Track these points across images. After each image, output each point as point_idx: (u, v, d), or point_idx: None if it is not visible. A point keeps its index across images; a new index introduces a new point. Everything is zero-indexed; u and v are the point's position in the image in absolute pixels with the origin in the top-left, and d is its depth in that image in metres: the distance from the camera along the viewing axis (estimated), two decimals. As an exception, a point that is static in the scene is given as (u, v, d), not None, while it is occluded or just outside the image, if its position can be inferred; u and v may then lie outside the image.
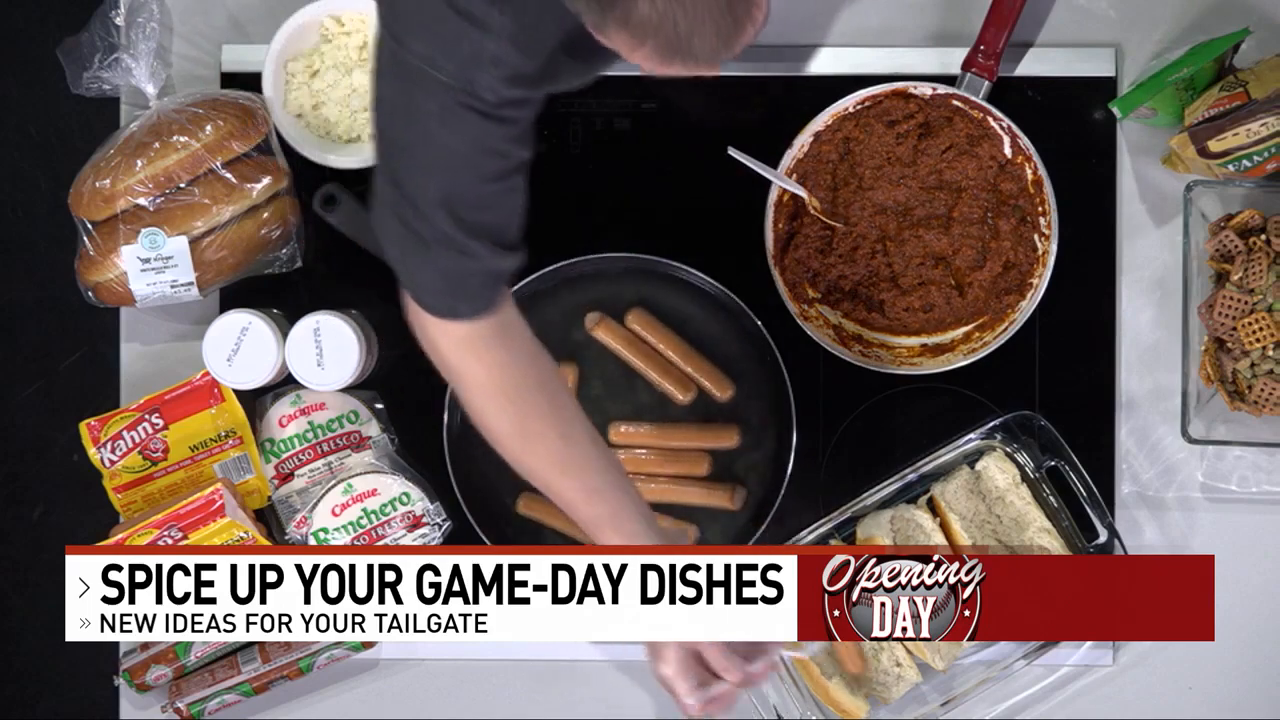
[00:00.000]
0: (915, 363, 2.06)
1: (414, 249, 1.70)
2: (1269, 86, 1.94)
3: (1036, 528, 2.02)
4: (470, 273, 1.71)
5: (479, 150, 1.66)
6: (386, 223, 1.71)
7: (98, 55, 2.01)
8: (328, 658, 2.06)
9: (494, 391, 1.77)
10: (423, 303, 1.73)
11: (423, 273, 1.72)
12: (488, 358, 1.76)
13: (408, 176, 1.67)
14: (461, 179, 1.67)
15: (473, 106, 1.62)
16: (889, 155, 2.06)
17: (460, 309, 1.73)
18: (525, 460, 1.81)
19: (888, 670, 2.00)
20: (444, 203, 1.66)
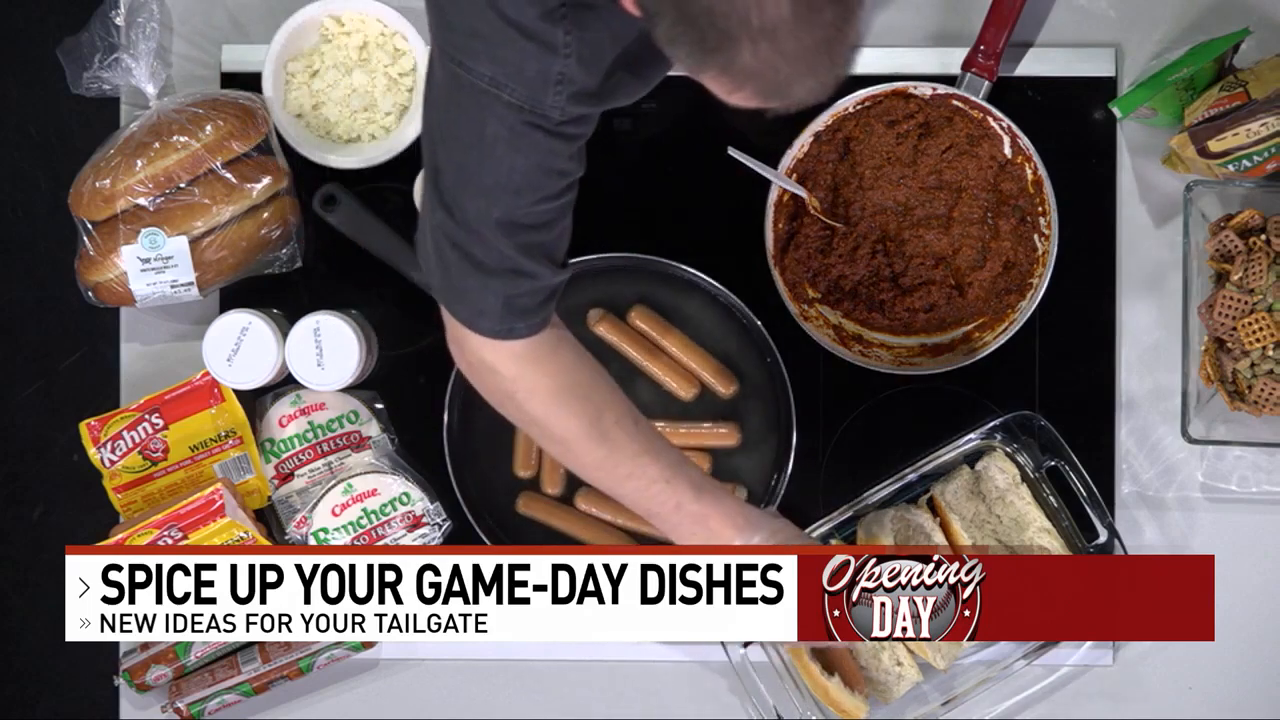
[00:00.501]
0: (915, 363, 2.06)
1: (470, 276, 1.70)
2: (1269, 86, 1.94)
3: (1036, 528, 2.02)
4: (528, 293, 1.71)
5: (543, 170, 1.67)
6: (438, 252, 1.71)
7: (98, 55, 2.01)
8: (328, 658, 2.06)
9: (562, 395, 1.77)
10: (478, 328, 1.73)
11: (480, 299, 1.71)
12: (550, 365, 1.76)
13: (470, 202, 1.67)
14: (525, 200, 1.67)
15: (540, 125, 1.63)
16: (889, 155, 2.06)
17: (518, 329, 1.73)
18: (603, 455, 1.80)
19: (888, 670, 2.00)
20: (507, 226, 1.67)
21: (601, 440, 1.79)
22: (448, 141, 1.67)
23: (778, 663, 2.01)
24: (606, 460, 1.80)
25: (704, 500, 1.82)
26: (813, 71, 1.46)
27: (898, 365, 2.05)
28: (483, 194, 1.66)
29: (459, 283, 1.71)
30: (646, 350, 2.06)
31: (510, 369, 1.76)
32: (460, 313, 1.73)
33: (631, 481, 1.82)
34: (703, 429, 2.06)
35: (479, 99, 1.62)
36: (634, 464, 1.81)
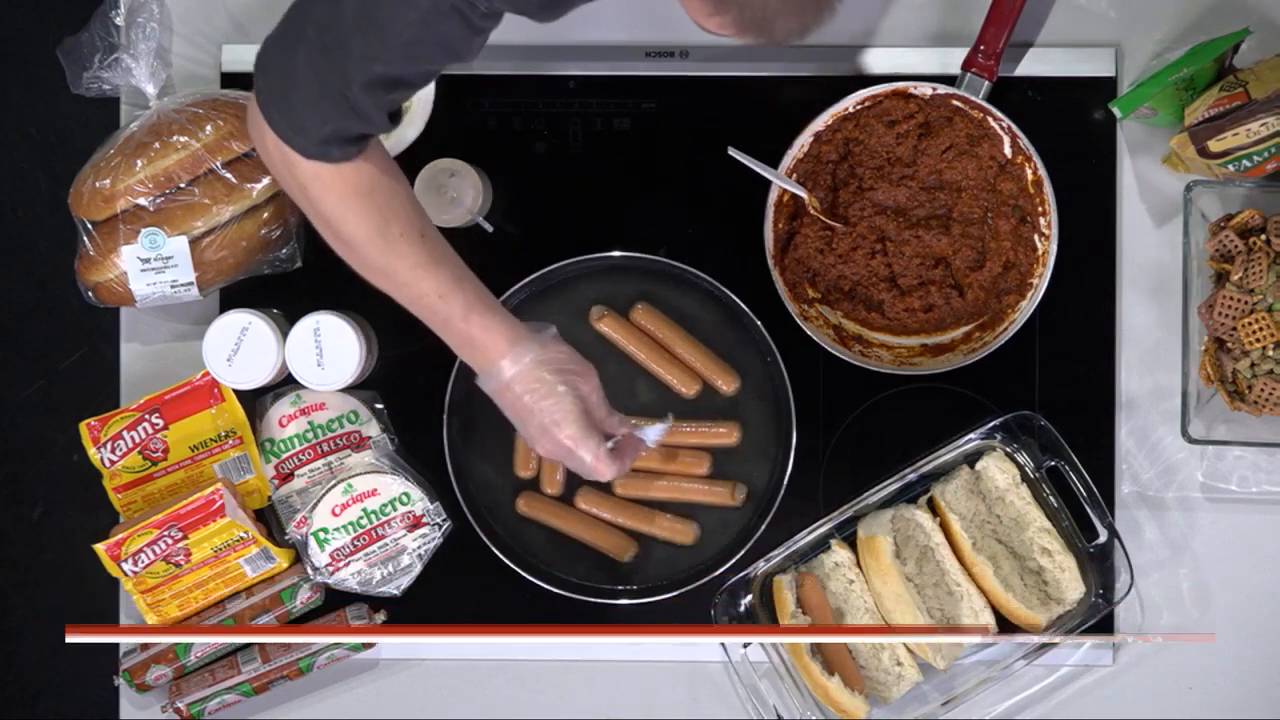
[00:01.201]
0: (915, 363, 2.05)
1: (311, 100, 1.72)
2: (1269, 86, 1.94)
3: (1036, 528, 2.02)
4: (355, 132, 1.75)
5: (443, 48, 1.70)
6: (288, 63, 1.73)
7: (98, 55, 2.01)
8: (328, 658, 2.06)
9: (351, 198, 1.79)
10: (292, 143, 1.75)
11: (308, 119, 1.74)
12: (348, 171, 1.78)
13: (358, 45, 1.69)
14: (412, 66, 1.71)
15: (460, 10, 1.66)
16: (889, 155, 2.06)
17: (333, 155, 1.76)
18: (387, 261, 1.81)
19: (888, 670, 2.00)
20: (383, 79, 1.71)
21: (385, 248, 1.81)
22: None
23: (778, 663, 2.01)
24: (387, 267, 1.82)
25: (472, 320, 1.83)
26: (799, 11, 1.46)
27: (898, 365, 2.05)
28: (378, 47, 1.69)
29: (294, 98, 1.73)
30: (649, 348, 2.06)
31: (314, 171, 1.78)
32: (278, 122, 1.75)
33: (407, 290, 1.83)
34: (703, 428, 2.06)
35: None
36: (411, 275, 1.82)
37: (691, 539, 2.06)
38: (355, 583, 2.06)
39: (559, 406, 1.83)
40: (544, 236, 2.08)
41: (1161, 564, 2.07)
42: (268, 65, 1.76)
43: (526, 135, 2.09)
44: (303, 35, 1.73)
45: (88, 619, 2.13)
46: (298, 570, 2.07)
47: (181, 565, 2.02)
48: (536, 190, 2.10)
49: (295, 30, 1.74)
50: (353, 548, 2.05)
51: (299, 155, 1.76)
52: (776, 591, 2.01)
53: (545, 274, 2.05)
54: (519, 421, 1.86)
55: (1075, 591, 2.01)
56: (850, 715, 1.98)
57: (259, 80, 1.76)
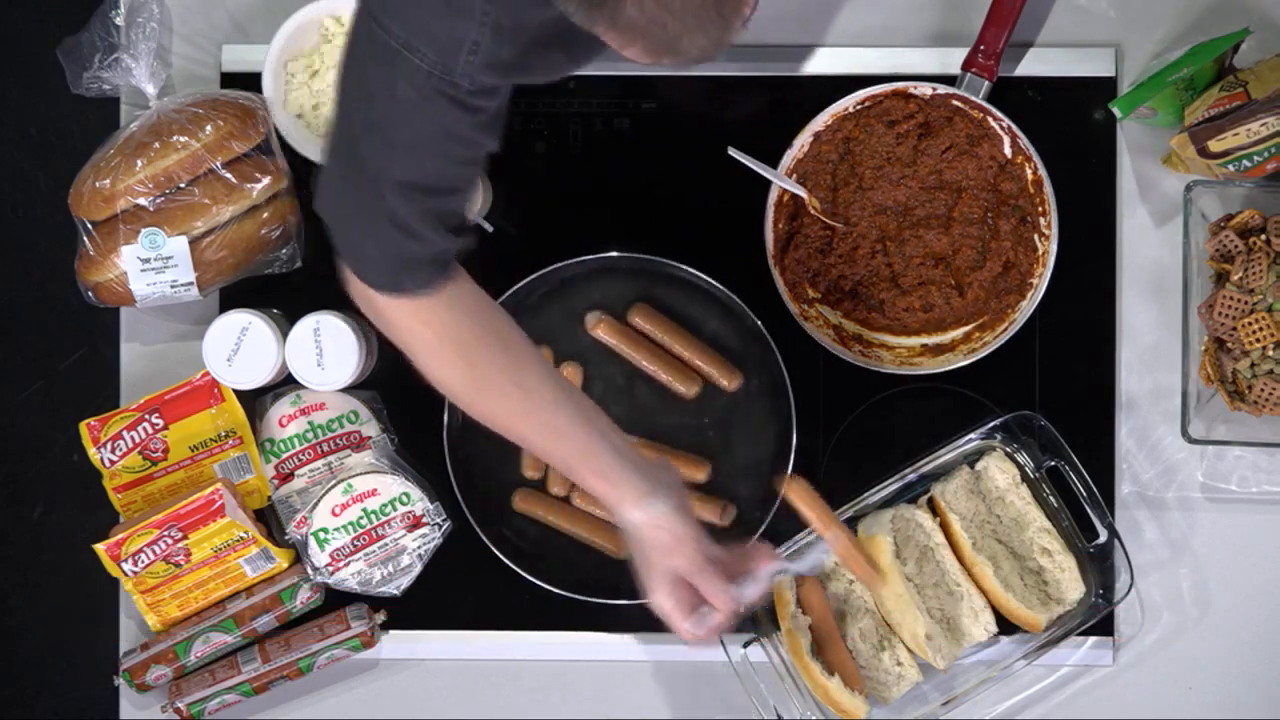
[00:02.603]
0: (915, 363, 2.05)
1: (364, 227, 1.71)
2: (1269, 86, 1.94)
3: (1036, 528, 2.02)
4: (418, 255, 1.72)
5: (448, 137, 1.67)
6: (336, 199, 1.72)
7: (98, 55, 2.01)
8: (328, 658, 2.06)
9: (442, 349, 1.78)
10: (366, 279, 1.74)
11: (369, 250, 1.73)
12: (434, 321, 1.77)
13: (373, 157, 1.67)
14: (427, 164, 1.68)
15: (446, 93, 1.63)
16: (889, 155, 2.06)
17: (405, 285, 1.74)
18: (482, 410, 1.82)
19: (888, 670, 2.00)
20: (405, 186, 1.68)
21: (479, 399, 1.81)
22: (357, 95, 1.67)
23: (778, 663, 2.01)
24: (485, 416, 1.82)
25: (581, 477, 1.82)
26: (702, 27, 1.46)
27: (898, 365, 2.05)
28: (386, 151, 1.66)
29: (352, 232, 1.72)
30: (646, 350, 2.06)
31: (397, 318, 1.77)
32: (351, 263, 1.74)
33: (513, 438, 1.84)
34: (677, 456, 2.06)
35: (392, 58, 1.62)
36: (509, 424, 1.82)
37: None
38: (355, 583, 2.06)
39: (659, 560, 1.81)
40: (544, 236, 2.08)
41: (1161, 564, 2.07)
42: (323, 207, 1.74)
43: (526, 135, 2.09)
44: (333, 162, 1.71)
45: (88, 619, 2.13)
46: (298, 570, 2.07)
47: (181, 565, 2.02)
48: (536, 190, 2.10)
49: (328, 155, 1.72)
50: (353, 548, 2.05)
51: (378, 292, 1.74)
52: (776, 592, 2.01)
53: (545, 274, 2.05)
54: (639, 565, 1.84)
55: (1075, 591, 2.01)
56: (850, 715, 1.98)
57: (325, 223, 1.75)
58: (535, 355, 1.83)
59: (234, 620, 2.05)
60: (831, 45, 2.08)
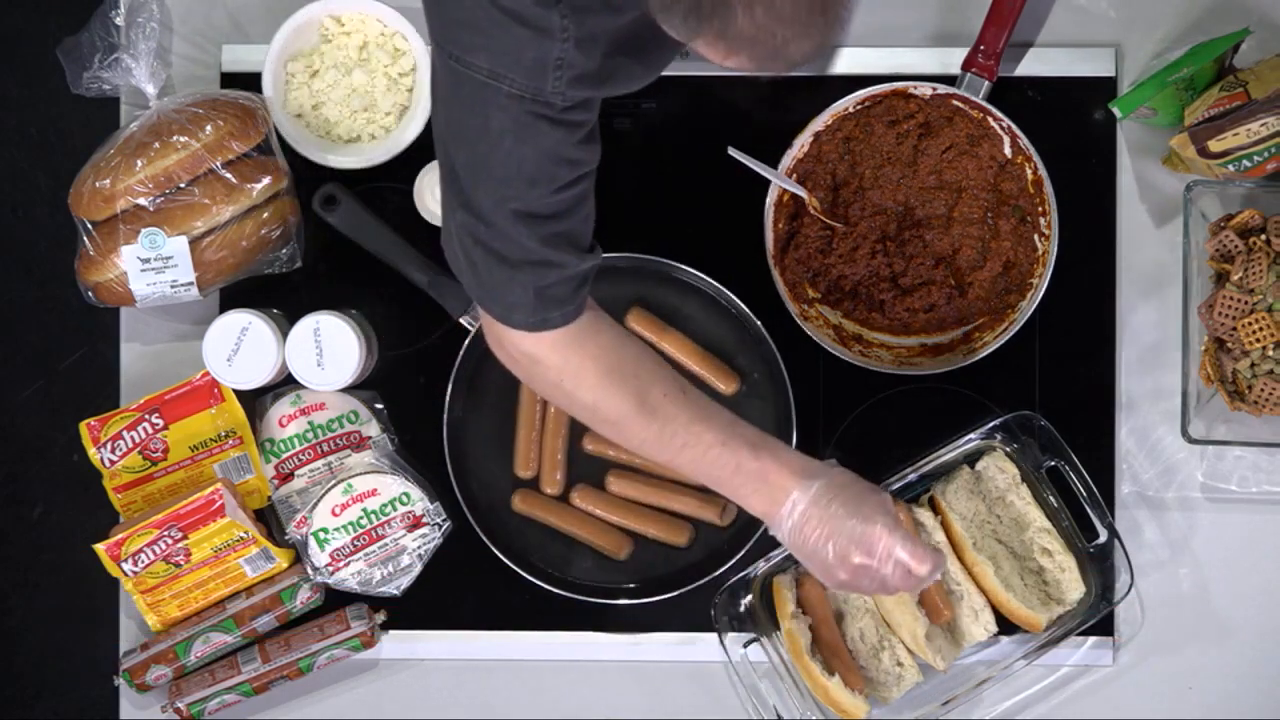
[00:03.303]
0: (915, 363, 2.05)
1: (497, 271, 1.69)
2: (1269, 86, 1.94)
3: (1036, 528, 2.02)
4: (557, 282, 1.71)
5: (552, 159, 1.66)
6: (464, 251, 1.71)
7: (98, 55, 2.01)
8: (328, 658, 2.06)
9: (609, 376, 1.77)
10: (512, 322, 1.73)
11: (510, 293, 1.71)
12: (592, 348, 1.76)
13: (485, 197, 1.66)
14: (539, 190, 1.66)
15: (543, 115, 1.62)
16: (889, 155, 2.06)
17: (553, 318, 1.73)
18: (656, 429, 1.79)
19: (888, 670, 2.00)
20: (525, 217, 1.66)
21: (652, 416, 1.79)
22: (456, 139, 1.67)
23: (778, 663, 2.01)
24: (661, 434, 1.80)
25: (762, 456, 1.81)
26: (808, 33, 1.45)
27: (898, 365, 2.05)
28: (497, 187, 1.66)
29: (487, 279, 1.71)
30: None
31: (553, 358, 1.76)
32: (494, 309, 1.73)
33: (688, 451, 1.81)
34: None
35: (480, 93, 1.61)
36: (688, 433, 1.80)
37: (685, 540, 2.06)
38: (355, 583, 2.06)
39: (867, 509, 1.81)
40: (544, 236, 2.08)
41: (1161, 564, 2.07)
42: (456, 264, 1.73)
43: (526, 135, 2.09)
44: (453, 215, 1.70)
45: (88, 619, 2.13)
46: (298, 570, 2.07)
47: (181, 565, 2.02)
48: (536, 190, 2.10)
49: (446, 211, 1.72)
50: (353, 548, 2.05)
51: (527, 333, 1.73)
52: (776, 591, 2.01)
53: (545, 274, 2.05)
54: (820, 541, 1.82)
55: (1075, 591, 2.01)
56: (850, 715, 1.98)
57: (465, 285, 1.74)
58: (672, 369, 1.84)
59: (234, 620, 2.05)
60: (831, 45, 2.08)
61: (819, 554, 1.83)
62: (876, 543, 1.82)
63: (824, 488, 1.82)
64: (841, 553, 1.82)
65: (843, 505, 1.82)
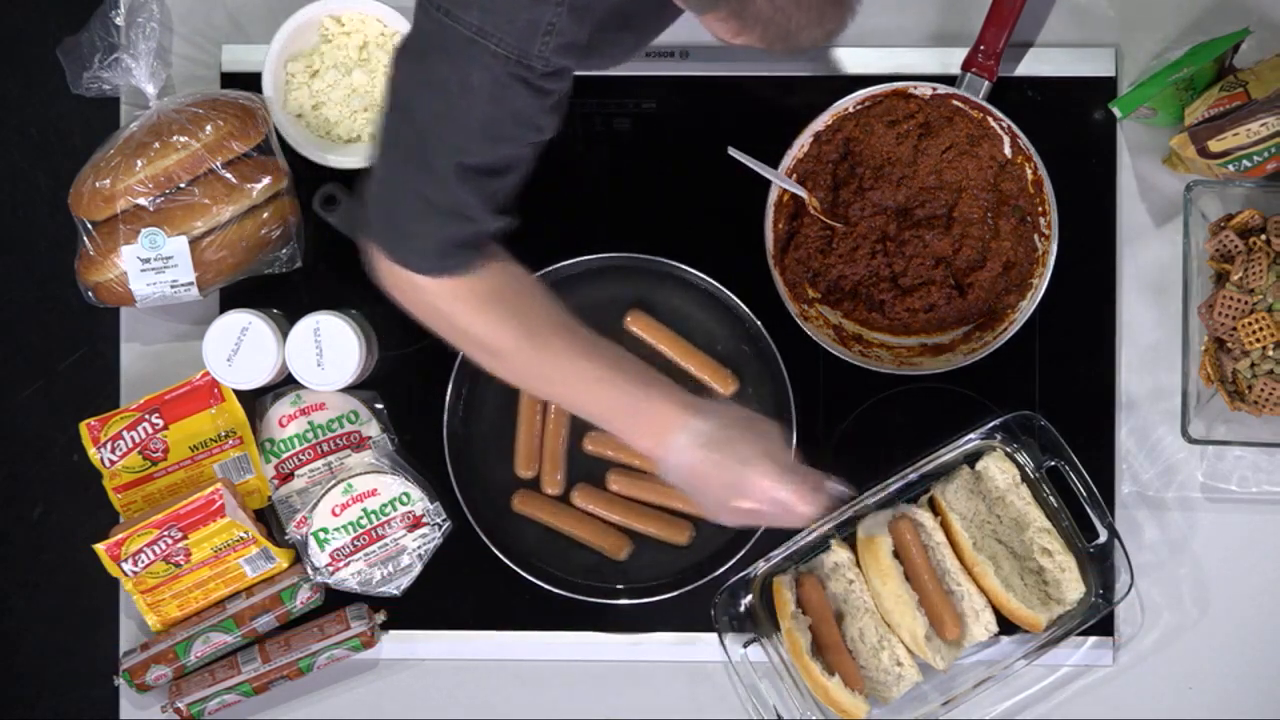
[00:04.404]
0: (915, 363, 2.06)
1: (417, 217, 1.70)
2: (1269, 86, 1.94)
3: (1036, 528, 2.02)
4: (470, 236, 1.72)
5: (519, 121, 1.67)
6: (388, 187, 1.72)
7: (98, 55, 2.01)
8: (328, 658, 2.06)
9: (487, 310, 1.75)
10: (411, 265, 1.73)
11: (421, 239, 1.72)
12: (479, 288, 1.75)
13: (439, 145, 1.67)
14: (494, 149, 1.68)
15: (522, 77, 1.63)
16: (889, 155, 2.06)
17: (454, 268, 1.73)
18: (539, 360, 1.77)
19: (888, 670, 2.00)
20: (471, 171, 1.68)
21: (537, 350, 1.77)
22: (427, 88, 1.67)
23: (778, 663, 2.01)
24: (544, 366, 1.78)
25: (650, 394, 1.78)
26: (822, 20, 1.46)
27: (898, 365, 2.05)
28: (456, 140, 1.66)
29: (404, 224, 1.72)
30: None
31: (437, 298, 1.75)
32: (398, 252, 1.73)
33: (570, 386, 1.79)
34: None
35: (465, 49, 1.62)
36: (573, 367, 1.78)
37: (685, 539, 2.06)
38: (355, 583, 2.06)
39: (748, 450, 1.77)
40: (544, 236, 2.08)
41: (1161, 564, 2.07)
42: (371, 206, 1.74)
43: (526, 135, 2.09)
44: (391, 160, 1.71)
45: (88, 619, 2.13)
46: (298, 570, 2.07)
47: (181, 565, 2.02)
48: (536, 190, 2.10)
49: (383, 157, 1.72)
50: (353, 548, 2.05)
51: (423, 276, 1.73)
52: (776, 591, 2.01)
53: (545, 274, 2.04)
54: (706, 483, 1.78)
55: (1075, 591, 2.01)
56: (850, 715, 1.98)
57: (369, 223, 1.74)
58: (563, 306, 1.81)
59: (234, 620, 2.05)
60: (831, 45, 2.08)
61: (702, 497, 1.80)
62: (754, 487, 1.77)
63: (707, 430, 1.76)
64: (722, 497, 1.79)
65: (723, 449, 1.77)
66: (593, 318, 2.06)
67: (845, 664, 2.00)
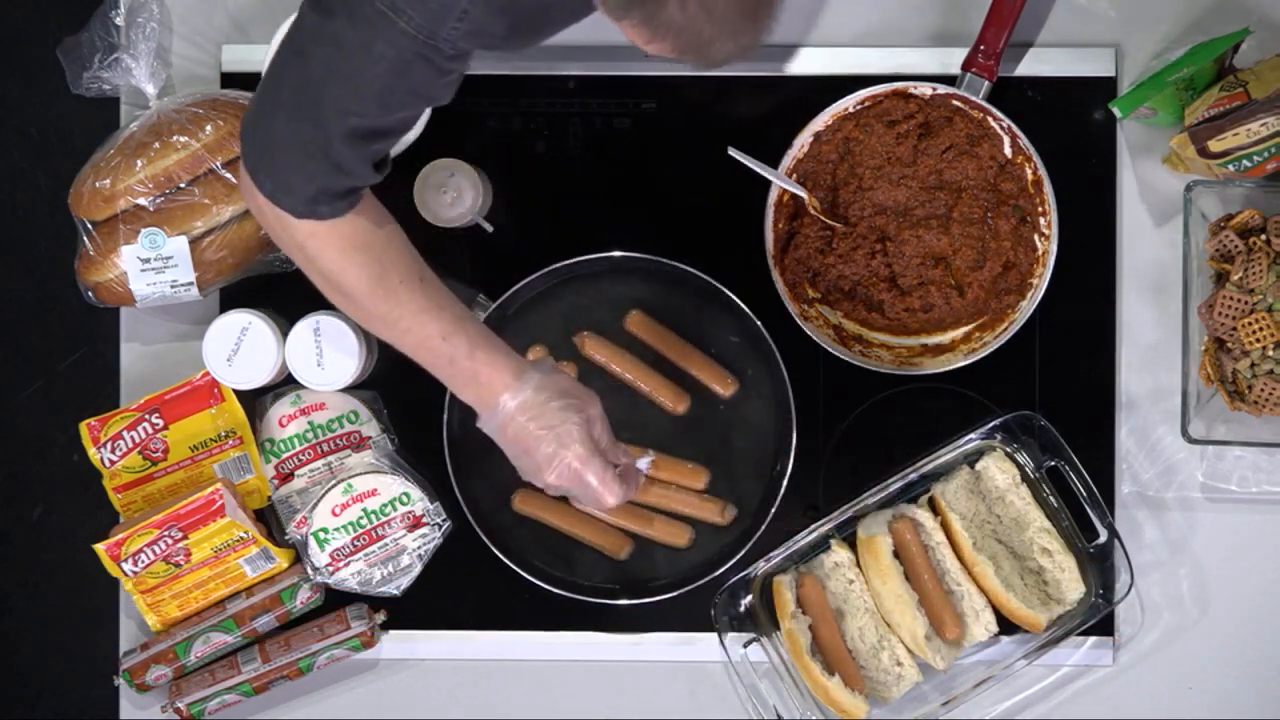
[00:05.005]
0: (915, 363, 2.05)
1: (296, 161, 1.71)
2: (1269, 86, 1.94)
3: (1036, 528, 2.02)
4: (343, 187, 1.74)
5: (413, 93, 1.69)
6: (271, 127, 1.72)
7: (98, 55, 2.01)
8: (328, 658, 2.06)
9: (349, 250, 1.77)
10: (281, 204, 1.74)
11: (294, 182, 1.73)
12: (342, 229, 1.77)
13: (331, 101, 1.68)
14: (386, 114, 1.70)
15: (425, 55, 1.65)
16: (889, 155, 2.06)
17: (321, 212, 1.75)
18: (385, 309, 1.80)
19: (888, 670, 2.00)
20: (359, 132, 1.69)
21: (386, 296, 1.79)
22: (331, 44, 1.67)
23: (778, 663, 2.01)
24: (389, 315, 1.81)
25: (477, 357, 1.81)
26: (735, 35, 1.47)
27: (898, 365, 2.05)
28: (350, 100, 1.67)
29: (282, 166, 1.73)
30: (635, 366, 2.06)
31: (303, 235, 1.77)
32: (266, 185, 1.74)
33: (410, 336, 1.82)
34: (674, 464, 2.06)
35: (375, 19, 1.63)
36: (414, 320, 1.81)
37: (685, 541, 2.06)
38: (355, 583, 2.06)
39: (564, 429, 1.81)
40: (544, 236, 2.08)
41: (1161, 564, 2.07)
42: (249, 132, 1.76)
43: (526, 135, 2.09)
44: (278, 99, 1.72)
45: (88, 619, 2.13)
46: (298, 570, 2.07)
47: (181, 565, 2.02)
48: (536, 190, 2.10)
49: (270, 95, 1.73)
50: (353, 548, 2.05)
51: (291, 216, 1.75)
52: (776, 591, 2.01)
53: (545, 274, 2.05)
54: (524, 453, 1.82)
55: (1075, 591, 2.01)
56: (850, 715, 1.98)
57: (244, 146, 1.76)
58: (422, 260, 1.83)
59: (234, 620, 2.05)
60: (831, 45, 2.08)
61: (520, 461, 1.84)
62: (565, 467, 1.81)
63: (528, 399, 1.81)
64: (536, 467, 1.83)
65: (541, 420, 1.81)
66: (593, 318, 2.08)
67: (845, 664, 2.00)
